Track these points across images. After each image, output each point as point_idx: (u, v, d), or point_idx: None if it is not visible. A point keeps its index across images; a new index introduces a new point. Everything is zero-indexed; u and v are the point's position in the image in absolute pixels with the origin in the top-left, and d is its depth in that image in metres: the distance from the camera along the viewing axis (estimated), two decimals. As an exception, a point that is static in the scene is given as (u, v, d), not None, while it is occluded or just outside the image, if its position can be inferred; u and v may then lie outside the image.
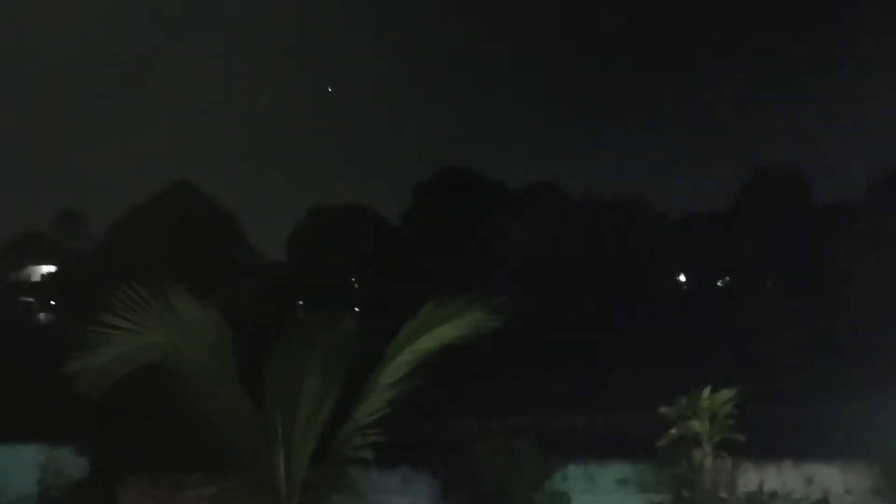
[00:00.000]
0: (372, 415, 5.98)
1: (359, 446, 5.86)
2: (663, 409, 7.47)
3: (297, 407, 5.78)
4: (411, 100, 61.77)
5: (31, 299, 37.26)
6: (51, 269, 38.04)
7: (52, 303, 36.18)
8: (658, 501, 7.54)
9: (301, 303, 29.53)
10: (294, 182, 55.60)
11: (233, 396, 5.74)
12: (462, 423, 14.66)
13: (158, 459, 9.63)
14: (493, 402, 17.99)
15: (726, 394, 7.32)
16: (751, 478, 8.33)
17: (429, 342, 5.95)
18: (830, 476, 9.83)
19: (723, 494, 7.44)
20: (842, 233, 28.44)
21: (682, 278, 35.86)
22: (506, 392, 20.03)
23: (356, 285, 34.86)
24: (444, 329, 5.94)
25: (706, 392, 7.36)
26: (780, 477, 9.26)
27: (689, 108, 58.44)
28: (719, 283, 34.80)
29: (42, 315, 36.70)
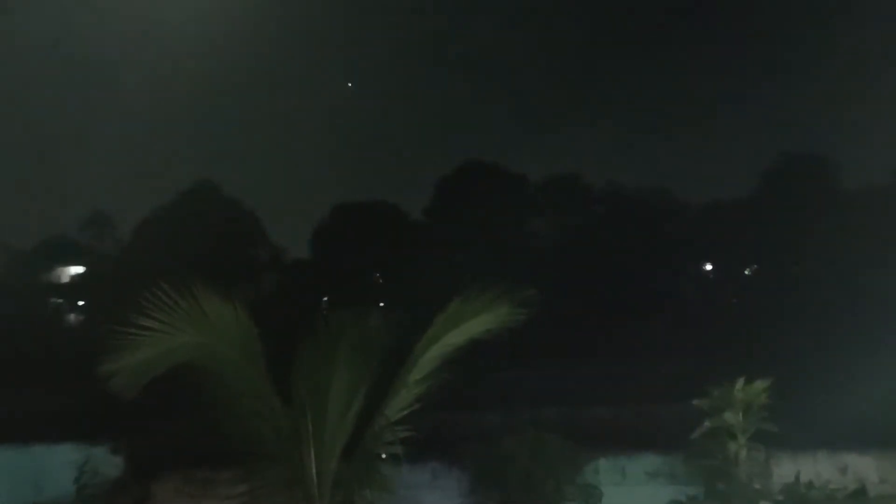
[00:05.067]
0: (402, 410, 6.01)
1: (389, 442, 5.89)
2: (696, 402, 7.38)
3: (326, 403, 5.82)
4: (431, 94, 61.71)
5: (60, 300, 37.85)
6: (79, 270, 38.60)
7: (82, 303, 36.73)
8: (692, 494, 7.47)
9: (326, 299, 29.68)
10: (316, 179, 55.80)
11: (262, 394, 5.78)
12: (489, 416, 14.62)
13: (191, 457, 9.75)
14: (520, 394, 17.95)
15: (760, 384, 7.20)
16: (785, 468, 8.25)
17: (457, 337, 5.96)
18: (865, 465, 9.72)
19: (757, 486, 7.35)
20: (871, 218, 27.99)
21: (709, 267, 35.54)
22: (533, 384, 19.98)
23: (380, 280, 34.99)
24: (473, 323, 5.95)
25: (740, 383, 7.25)
26: (814, 467, 9.16)
27: (711, 94, 57.76)
28: (746, 272, 34.44)
29: (72, 316, 37.26)
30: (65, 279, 38.94)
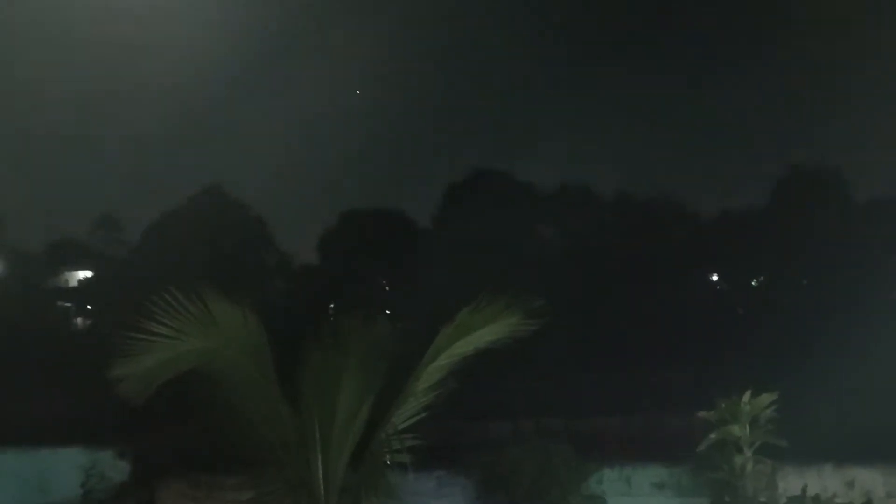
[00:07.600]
0: (409, 418, 6.01)
1: (396, 450, 5.89)
2: (703, 413, 7.37)
3: (334, 410, 5.81)
4: (440, 101, 61.86)
5: (68, 304, 37.96)
6: (87, 274, 38.71)
7: (90, 307, 36.82)
8: (697, 506, 7.47)
9: (332, 306, 29.68)
10: (324, 186, 55.90)
11: (271, 400, 5.79)
12: (496, 425, 14.62)
13: (197, 462, 9.77)
14: (526, 403, 17.93)
15: (767, 397, 7.20)
16: (791, 482, 8.22)
17: (465, 346, 5.95)
18: (871, 479, 9.65)
19: (763, 499, 7.33)
20: (881, 230, 27.86)
21: (716, 278, 35.40)
22: (538, 393, 19.95)
23: (387, 288, 34.97)
24: (481, 333, 5.93)
25: (747, 396, 7.24)
26: (820, 481, 9.11)
27: (722, 103, 57.70)
28: (753, 283, 34.29)
29: (80, 319, 37.36)
30: (73, 283, 39.08)
